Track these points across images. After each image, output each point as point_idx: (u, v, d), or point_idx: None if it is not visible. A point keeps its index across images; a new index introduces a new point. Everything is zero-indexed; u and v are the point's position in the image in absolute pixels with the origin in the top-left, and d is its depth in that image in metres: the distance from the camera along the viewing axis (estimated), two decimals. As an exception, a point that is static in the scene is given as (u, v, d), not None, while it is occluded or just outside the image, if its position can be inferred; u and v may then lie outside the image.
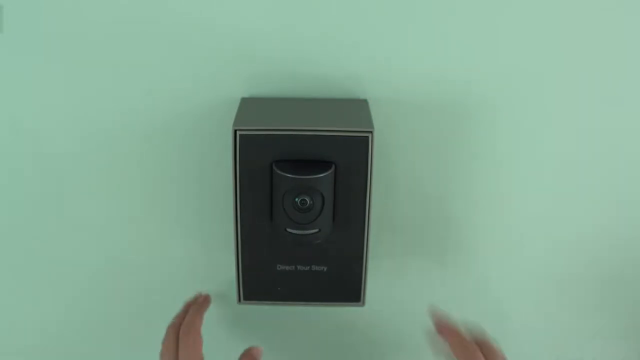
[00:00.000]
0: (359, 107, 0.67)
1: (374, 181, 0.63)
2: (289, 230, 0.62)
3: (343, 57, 0.68)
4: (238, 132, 0.61)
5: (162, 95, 0.70)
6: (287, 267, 0.66)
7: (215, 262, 0.78)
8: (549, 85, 0.70)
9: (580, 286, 0.80)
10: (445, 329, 0.68)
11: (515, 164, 0.73)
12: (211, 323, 0.81)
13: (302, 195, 0.61)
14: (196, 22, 0.67)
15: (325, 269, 0.66)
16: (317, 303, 0.68)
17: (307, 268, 0.65)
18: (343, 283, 0.67)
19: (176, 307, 0.81)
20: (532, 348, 0.83)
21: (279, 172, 0.61)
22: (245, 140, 0.61)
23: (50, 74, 0.69)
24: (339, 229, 0.64)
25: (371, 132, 0.61)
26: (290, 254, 0.66)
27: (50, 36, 0.67)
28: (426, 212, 0.75)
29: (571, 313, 0.81)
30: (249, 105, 0.67)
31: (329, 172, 0.61)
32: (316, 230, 0.62)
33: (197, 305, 0.79)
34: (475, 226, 0.76)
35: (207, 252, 0.77)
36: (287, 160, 0.61)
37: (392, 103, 0.70)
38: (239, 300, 0.68)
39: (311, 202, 0.61)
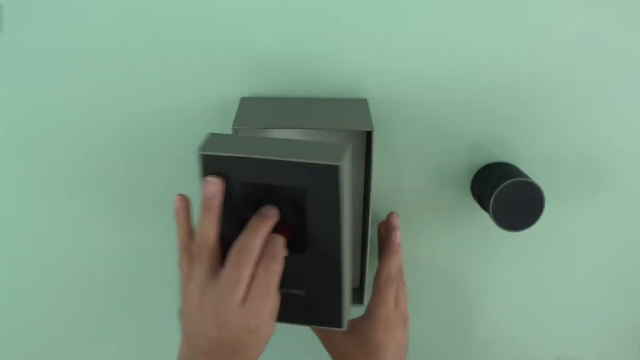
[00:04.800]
0: (359, 107, 0.68)
1: (374, 180, 0.63)
2: None
3: (343, 57, 0.69)
4: (237, 132, 0.61)
5: (162, 95, 0.70)
6: None
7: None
8: (548, 84, 0.70)
9: (580, 285, 0.80)
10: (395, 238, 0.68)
11: (515, 163, 0.73)
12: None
13: None
14: (196, 22, 0.67)
15: (303, 293, 0.59)
16: (299, 324, 0.61)
17: (285, 291, 0.58)
18: (323, 308, 0.60)
19: (173, 307, 0.81)
20: (533, 347, 0.83)
21: None
22: None
23: (50, 74, 0.69)
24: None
25: (371, 131, 0.61)
26: None
27: (50, 36, 0.67)
28: (425, 210, 0.75)
29: (571, 313, 0.81)
30: (249, 105, 0.67)
31: None
32: None
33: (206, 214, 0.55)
34: (474, 225, 0.76)
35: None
36: None
37: (392, 103, 0.70)
38: None
39: None
